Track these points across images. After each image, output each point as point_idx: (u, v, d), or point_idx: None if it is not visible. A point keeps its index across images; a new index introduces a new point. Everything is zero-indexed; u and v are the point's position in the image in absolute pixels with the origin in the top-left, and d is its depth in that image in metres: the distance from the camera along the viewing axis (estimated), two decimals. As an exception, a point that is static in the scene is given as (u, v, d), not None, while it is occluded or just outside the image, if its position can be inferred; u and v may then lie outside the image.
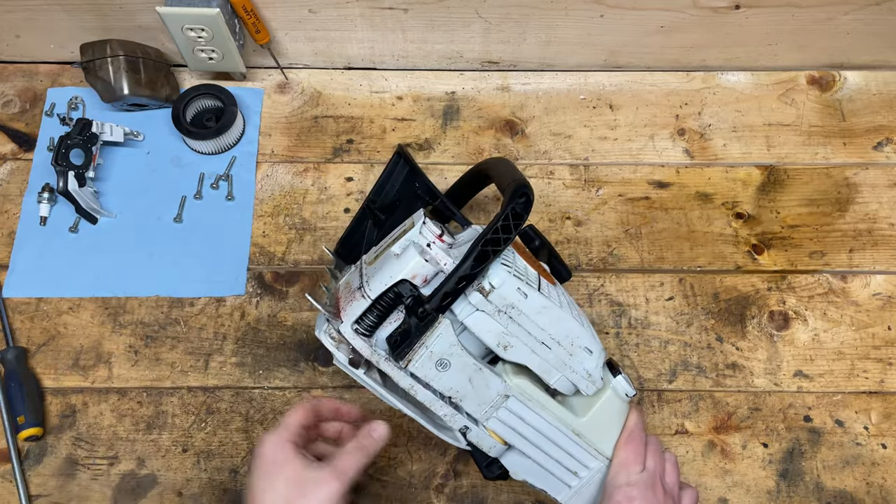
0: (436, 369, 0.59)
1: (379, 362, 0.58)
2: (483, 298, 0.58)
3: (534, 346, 0.61)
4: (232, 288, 0.82)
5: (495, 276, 0.58)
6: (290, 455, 0.56)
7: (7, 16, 0.88)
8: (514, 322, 0.59)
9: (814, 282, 0.84)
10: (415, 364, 0.58)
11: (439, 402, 0.60)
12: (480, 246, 0.57)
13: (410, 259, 0.59)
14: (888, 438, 0.76)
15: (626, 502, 0.59)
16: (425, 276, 0.59)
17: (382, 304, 0.59)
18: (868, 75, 0.95)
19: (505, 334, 0.59)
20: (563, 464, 0.64)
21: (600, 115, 0.93)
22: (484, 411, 0.61)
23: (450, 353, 0.59)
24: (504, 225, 0.58)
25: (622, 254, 0.85)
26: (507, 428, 0.62)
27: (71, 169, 0.81)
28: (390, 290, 0.58)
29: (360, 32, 0.90)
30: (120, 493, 0.73)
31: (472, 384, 0.60)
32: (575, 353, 0.62)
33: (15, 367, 0.76)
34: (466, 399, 0.60)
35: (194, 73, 0.94)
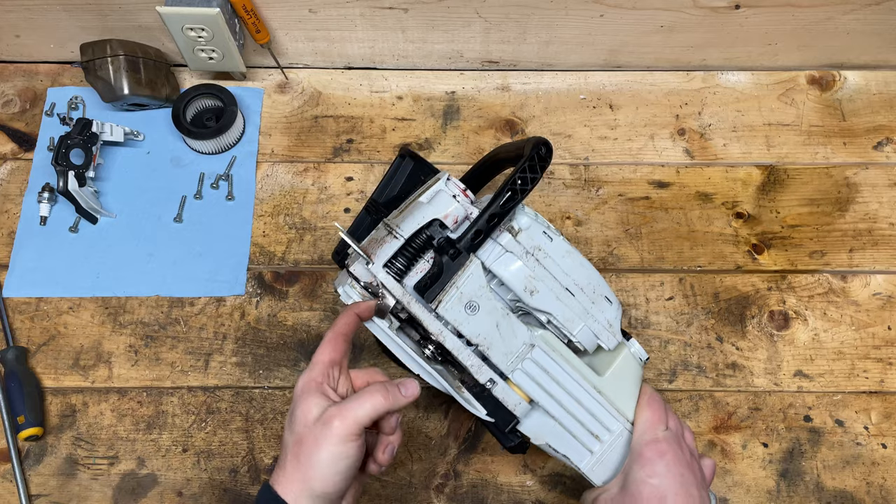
0: (465, 312, 0.60)
1: (409, 303, 0.59)
2: (512, 239, 0.61)
3: (559, 293, 0.63)
4: (232, 288, 0.82)
5: (522, 219, 0.63)
6: (312, 391, 0.55)
7: (7, 16, 0.88)
8: (540, 265, 0.62)
9: (814, 282, 0.84)
10: (445, 305, 0.59)
11: (467, 350, 0.60)
12: (509, 185, 0.60)
13: (442, 199, 0.62)
14: (888, 438, 0.77)
15: (658, 456, 0.59)
16: (456, 217, 0.62)
17: (414, 245, 0.61)
18: (868, 75, 0.95)
19: (532, 278, 0.62)
20: (586, 425, 0.64)
21: (600, 115, 0.93)
22: (510, 362, 0.62)
23: (479, 294, 0.60)
24: (531, 165, 0.61)
25: (622, 253, 0.85)
26: (531, 382, 0.62)
27: (71, 169, 0.81)
28: (422, 230, 0.61)
29: (360, 32, 0.90)
30: (120, 492, 0.73)
31: (499, 331, 0.61)
32: (597, 301, 0.64)
33: (15, 367, 0.76)
34: (493, 348, 0.61)
35: (194, 72, 0.94)
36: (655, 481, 0.58)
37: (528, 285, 0.62)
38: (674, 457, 0.59)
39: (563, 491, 0.74)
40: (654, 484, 0.58)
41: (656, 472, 0.59)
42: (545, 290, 0.62)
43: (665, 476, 0.58)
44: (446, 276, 0.59)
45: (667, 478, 0.58)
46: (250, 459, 0.75)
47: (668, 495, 0.57)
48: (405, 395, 0.57)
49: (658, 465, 0.59)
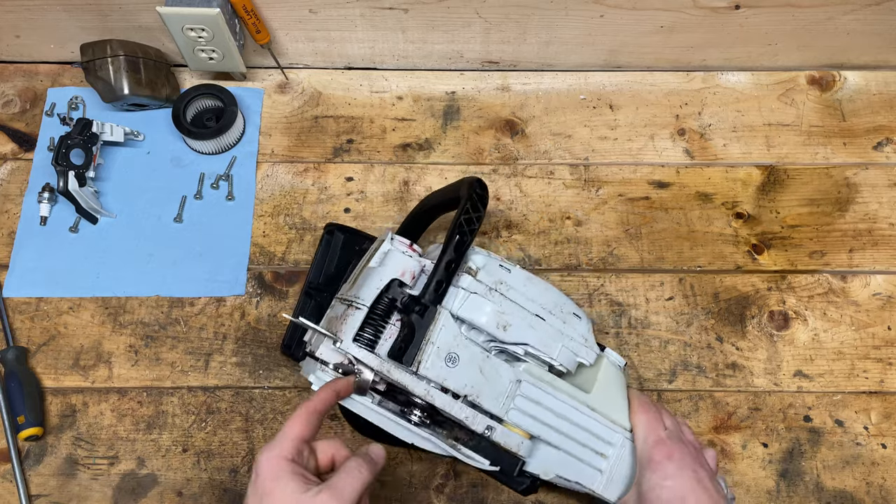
0: (446, 366, 0.59)
1: (390, 372, 0.58)
2: (473, 279, 0.61)
3: (530, 321, 0.62)
4: (232, 288, 0.82)
5: (477, 258, 0.62)
6: (287, 474, 0.51)
7: (7, 16, 0.88)
8: (506, 299, 0.62)
9: (814, 282, 0.84)
10: (425, 364, 0.58)
11: (457, 403, 0.59)
12: (457, 230, 0.60)
13: (395, 258, 0.62)
14: (888, 438, 0.77)
15: (667, 458, 0.60)
16: (413, 272, 0.61)
17: (378, 311, 0.60)
18: (868, 75, 0.95)
19: (501, 313, 0.61)
20: (589, 445, 0.64)
21: (600, 115, 0.93)
22: (501, 404, 0.61)
23: (456, 344, 0.59)
24: (472, 205, 0.62)
25: (622, 253, 0.85)
26: (527, 417, 0.62)
27: (71, 169, 0.81)
28: (383, 294, 0.60)
29: (360, 32, 0.90)
30: (120, 492, 0.73)
31: (484, 375, 0.60)
32: (567, 320, 0.65)
33: (15, 367, 0.76)
34: (482, 394, 0.60)
35: (194, 73, 0.94)
36: (670, 483, 0.59)
37: (499, 321, 0.61)
38: (681, 456, 0.60)
39: (563, 491, 0.74)
40: (669, 486, 0.58)
41: (668, 474, 0.59)
42: (517, 322, 0.62)
43: (678, 477, 0.59)
44: (419, 334, 0.58)
45: (680, 478, 0.59)
46: (250, 459, 0.75)
47: (687, 494, 0.58)
48: (379, 462, 0.56)
49: (669, 468, 0.59)
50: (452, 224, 0.61)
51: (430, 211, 0.75)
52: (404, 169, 0.89)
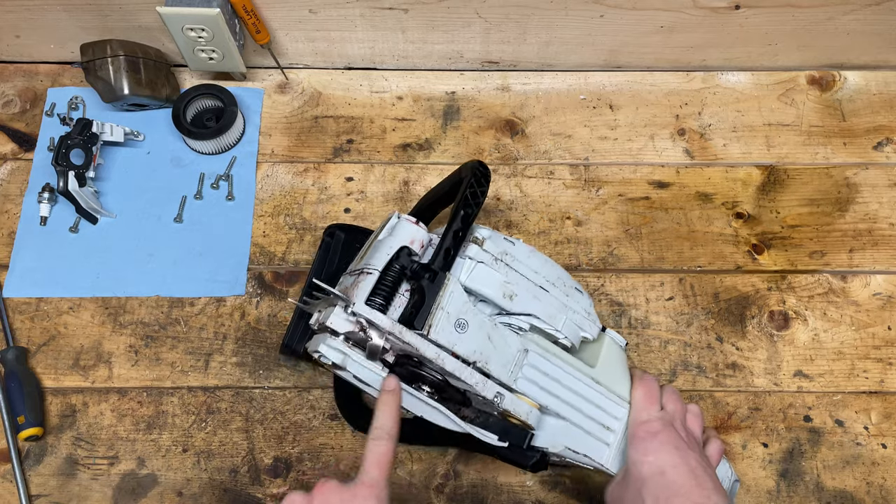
0: (456, 331, 0.59)
1: (402, 333, 0.58)
2: (479, 248, 0.63)
3: (535, 292, 0.64)
4: (232, 288, 0.82)
5: (482, 230, 0.64)
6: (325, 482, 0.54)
7: (7, 16, 0.88)
8: (511, 269, 0.63)
9: (814, 282, 0.84)
10: (435, 329, 0.59)
11: (468, 369, 0.60)
12: (462, 206, 0.62)
13: (403, 228, 0.63)
14: (888, 438, 0.77)
15: (650, 437, 0.60)
16: (421, 241, 0.63)
17: (389, 277, 0.60)
18: (868, 75, 0.95)
19: (507, 283, 0.63)
20: (595, 418, 0.64)
21: (600, 115, 0.93)
22: (510, 371, 0.61)
23: (464, 311, 0.60)
24: (476, 180, 0.64)
25: (622, 253, 0.85)
26: (535, 386, 0.62)
27: (71, 169, 0.81)
28: (393, 262, 0.61)
29: (360, 32, 0.90)
30: (120, 493, 0.73)
31: (492, 343, 0.61)
32: (570, 293, 0.66)
33: (15, 367, 0.76)
34: (491, 360, 0.60)
35: (194, 73, 0.94)
36: (651, 458, 0.59)
37: (505, 291, 0.62)
38: (666, 435, 0.60)
39: (563, 491, 0.74)
40: (650, 461, 0.59)
41: (650, 449, 0.60)
42: (523, 293, 0.63)
43: (660, 452, 0.59)
44: (429, 299, 0.59)
45: (662, 453, 0.59)
46: (250, 459, 0.75)
47: (667, 468, 0.58)
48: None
49: (651, 444, 0.60)
50: (458, 198, 0.63)
51: (437, 202, 0.75)
52: (404, 169, 0.89)
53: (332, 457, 0.75)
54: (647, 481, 0.58)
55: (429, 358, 0.59)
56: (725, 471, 0.67)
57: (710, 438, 0.66)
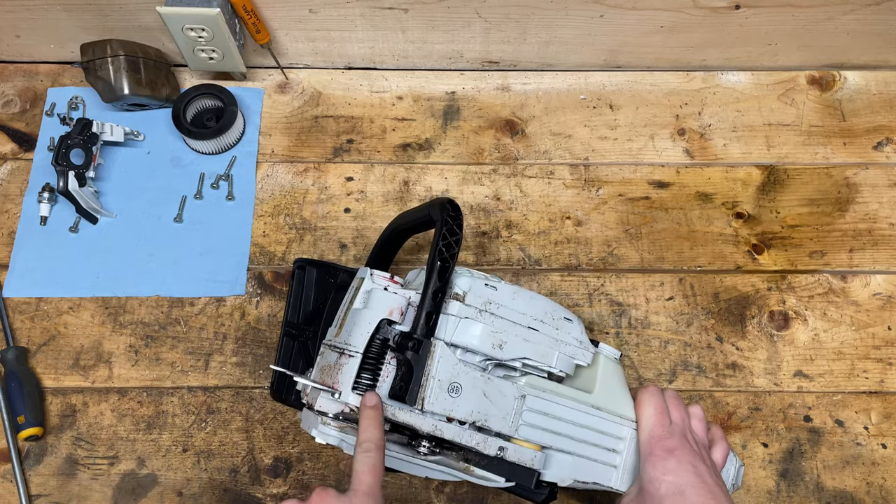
0: (450, 397, 0.58)
1: (395, 414, 0.57)
2: (462, 305, 0.60)
3: (524, 335, 0.62)
4: (232, 288, 0.82)
5: (461, 282, 0.61)
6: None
7: (7, 16, 0.88)
8: (497, 318, 0.61)
9: (814, 282, 0.84)
10: (429, 400, 0.57)
11: (467, 432, 0.59)
12: (438, 258, 0.59)
13: (380, 298, 0.60)
14: (888, 438, 0.77)
15: (667, 455, 0.60)
16: (401, 309, 0.60)
17: (372, 354, 0.59)
18: (868, 75, 0.95)
19: (495, 333, 0.60)
20: (601, 444, 0.64)
21: (600, 115, 0.93)
22: (510, 422, 0.60)
23: (455, 373, 0.59)
24: (449, 230, 0.60)
25: (622, 253, 0.85)
26: (537, 430, 0.62)
27: (71, 169, 0.81)
28: (374, 337, 0.59)
29: (360, 32, 0.90)
30: (120, 492, 0.73)
31: (488, 399, 0.60)
32: (560, 326, 0.64)
33: (15, 367, 0.76)
34: (490, 417, 0.60)
35: (194, 73, 0.94)
36: (670, 478, 0.59)
37: (494, 341, 0.60)
38: (682, 452, 0.61)
39: (563, 491, 0.74)
40: (669, 480, 0.59)
41: (669, 468, 0.60)
42: (512, 339, 0.61)
43: (678, 472, 0.59)
44: (418, 370, 0.57)
45: (680, 473, 0.59)
46: (250, 459, 0.75)
47: (686, 488, 0.59)
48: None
49: (669, 462, 0.60)
50: (432, 252, 0.60)
51: (400, 234, 0.74)
52: (404, 169, 0.89)
53: (332, 457, 0.75)
54: (664, 500, 0.59)
55: (426, 432, 0.58)
56: (730, 456, 0.68)
57: (716, 440, 0.66)
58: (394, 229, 0.73)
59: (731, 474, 0.67)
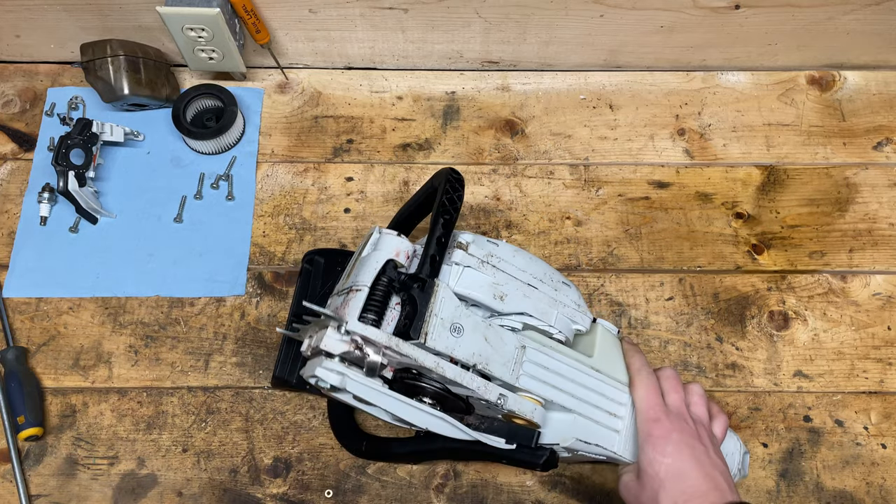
0: (452, 336, 0.59)
1: (399, 345, 0.58)
2: (465, 253, 0.63)
3: (524, 291, 0.64)
4: (232, 288, 0.82)
5: (465, 236, 0.64)
6: None
7: (7, 16, 0.88)
8: (499, 270, 0.64)
9: (814, 282, 0.84)
10: (432, 336, 0.58)
11: (468, 374, 0.59)
12: (441, 212, 0.62)
13: (387, 241, 0.63)
14: (888, 438, 0.77)
15: (665, 435, 0.61)
16: (406, 253, 0.63)
17: (379, 291, 0.60)
18: (868, 75, 0.95)
19: (496, 284, 0.63)
20: (602, 406, 0.64)
21: (600, 115, 0.93)
22: (511, 370, 0.61)
23: (458, 314, 0.60)
24: (451, 186, 0.64)
25: (622, 253, 0.85)
26: (537, 382, 0.62)
27: (71, 169, 0.81)
28: (380, 276, 0.60)
29: (360, 32, 0.90)
30: (120, 493, 0.73)
31: (489, 343, 0.61)
32: (559, 287, 0.66)
33: (15, 367, 0.76)
34: (491, 361, 0.60)
35: (194, 73, 0.94)
36: (669, 460, 0.59)
37: (495, 292, 0.62)
38: (680, 434, 0.61)
39: (562, 491, 0.74)
40: (668, 463, 0.59)
41: (667, 451, 0.60)
42: (513, 292, 0.63)
43: (676, 454, 0.60)
44: (422, 307, 0.59)
45: (678, 456, 0.59)
46: (250, 459, 0.75)
47: (684, 470, 0.59)
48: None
49: (667, 445, 0.60)
50: (435, 206, 0.63)
51: (413, 213, 0.75)
52: (404, 169, 0.89)
53: (332, 457, 0.75)
54: (664, 483, 0.59)
55: (428, 367, 0.58)
56: (734, 444, 0.68)
57: (715, 415, 0.66)
58: (406, 208, 0.75)
59: (737, 460, 0.68)
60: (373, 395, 0.59)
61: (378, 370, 0.59)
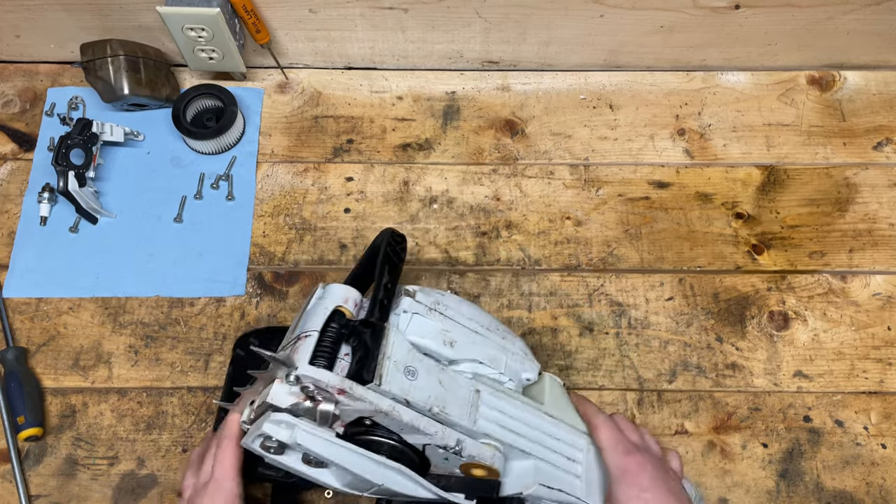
0: (406, 378, 0.58)
1: (352, 388, 0.55)
2: (412, 300, 0.62)
3: (473, 338, 0.64)
4: (232, 288, 0.82)
5: (410, 287, 0.64)
6: None
7: (7, 16, 0.88)
8: (446, 318, 0.63)
9: (814, 282, 0.84)
10: (386, 378, 0.56)
11: (425, 419, 0.58)
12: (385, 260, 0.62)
13: (335, 290, 0.62)
14: (888, 438, 0.77)
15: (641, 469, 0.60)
16: (355, 301, 0.62)
17: (329, 335, 0.58)
18: (868, 75, 0.95)
19: (445, 331, 0.62)
20: (560, 451, 0.64)
21: (600, 115, 0.93)
22: (468, 413, 0.60)
23: (410, 358, 0.59)
24: (394, 237, 0.65)
25: (622, 254, 0.85)
26: (495, 425, 0.61)
27: (71, 169, 0.81)
28: (329, 321, 0.59)
29: (360, 32, 0.90)
30: (120, 493, 0.73)
31: (443, 386, 0.59)
32: (506, 336, 0.67)
33: (15, 367, 0.76)
34: (448, 404, 0.59)
35: (194, 72, 0.94)
36: (648, 495, 0.59)
37: (445, 338, 0.62)
38: (653, 467, 0.61)
39: None
40: (647, 498, 0.59)
41: (645, 486, 0.59)
42: (462, 338, 0.63)
43: (654, 488, 0.59)
44: (374, 351, 0.57)
45: (657, 490, 0.59)
46: (250, 459, 0.75)
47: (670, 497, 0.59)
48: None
49: (644, 479, 0.60)
50: (380, 255, 0.62)
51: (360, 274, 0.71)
52: (404, 169, 0.89)
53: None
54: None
55: (384, 411, 0.55)
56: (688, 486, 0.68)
57: (668, 452, 0.68)
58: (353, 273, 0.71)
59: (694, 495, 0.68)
60: (325, 448, 0.55)
61: (330, 420, 0.56)
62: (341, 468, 0.56)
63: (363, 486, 0.58)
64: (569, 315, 0.82)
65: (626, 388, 0.78)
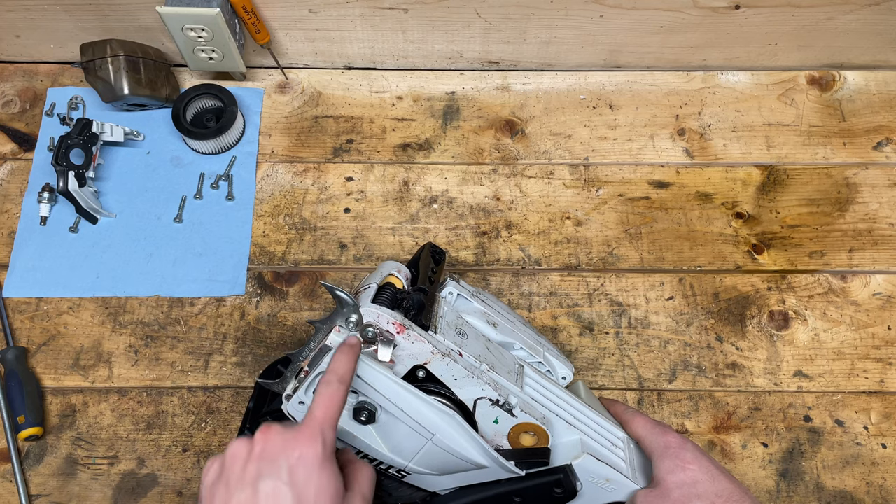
0: (458, 337, 0.61)
1: (412, 327, 0.57)
2: (458, 284, 0.68)
3: (513, 326, 0.67)
4: (232, 288, 0.82)
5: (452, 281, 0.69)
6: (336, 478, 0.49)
7: (7, 16, 0.88)
8: (488, 304, 0.68)
9: (814, 282, 0.84)
10: (441, 330, 0.60)
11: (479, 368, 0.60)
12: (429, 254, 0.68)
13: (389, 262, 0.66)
14: (888, 438, 0.77)
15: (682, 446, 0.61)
16: (406, 275, 0.65)
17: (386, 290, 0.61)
18: (868, 75, 0.95)
19: (487, 313, 0.67)
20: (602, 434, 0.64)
21: (600, 115, 0.93)
22: (515, 378, 0.62)
23: (460, 322, 0.63)
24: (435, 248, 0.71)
25: (622, 253, 0.85)
26: (539, 395, 0.62)
27: (71, 169, 0.81)
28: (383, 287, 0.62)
29: (360, 32, 0.90)
30: (120, 492, 0.73)
31: (491, 351, 0.63)
32: (539, 336, 0.71)
33: (15, 367, 0.76)
34: (496, 366, 0.61)
35: (194, 73, 0.94)
36: (694, 466, 0.60)
37: (488, 319, 0.66)
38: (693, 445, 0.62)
39: None
40: (693, 469, 0.60)
41: (688, 458, 0.60)
42: (503, 322, 0.67)
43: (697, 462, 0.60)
44: (427, 309, 0.60)
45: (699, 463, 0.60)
46: (250, 459, 0.75)
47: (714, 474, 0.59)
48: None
49: (686, 454, 0.61)
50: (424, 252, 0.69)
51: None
52: (404, 169, 0.89)
53: (332, 457, 0.75)
54: (696, 485, 0.59)
55: (443, 352, 0.57)
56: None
57: None
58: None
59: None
60: (386, 386, 0.55)
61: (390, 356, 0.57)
62: (394, 418, 0.55)
63: (410, 446, 0.56)
64: (569, 315, 0.82)
65: (627, 387, 0.78)
